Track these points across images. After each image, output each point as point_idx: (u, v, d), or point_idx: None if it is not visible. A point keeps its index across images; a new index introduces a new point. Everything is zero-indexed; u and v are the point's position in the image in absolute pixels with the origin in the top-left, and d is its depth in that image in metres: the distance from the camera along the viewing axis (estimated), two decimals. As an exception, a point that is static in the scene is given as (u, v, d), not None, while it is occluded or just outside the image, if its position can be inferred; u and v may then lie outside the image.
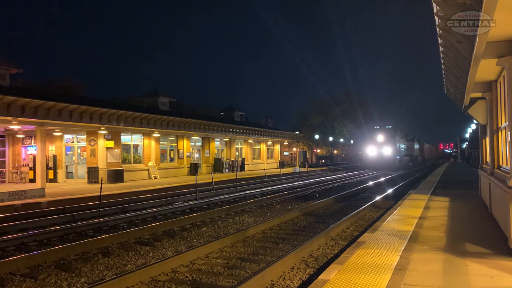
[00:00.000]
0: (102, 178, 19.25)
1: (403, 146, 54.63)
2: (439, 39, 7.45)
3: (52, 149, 25.75)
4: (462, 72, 8.78)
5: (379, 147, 46.35)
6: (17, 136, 25.64)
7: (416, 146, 70.53)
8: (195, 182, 18.87)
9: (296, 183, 25.71)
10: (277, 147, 50.22)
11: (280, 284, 6.09)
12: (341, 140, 69.64)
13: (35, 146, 23.49)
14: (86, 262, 7.54)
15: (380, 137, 46.86)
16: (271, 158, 48.38)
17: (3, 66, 21.22)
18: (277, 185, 24.11)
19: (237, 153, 40.42)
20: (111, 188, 19.71)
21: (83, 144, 25.80)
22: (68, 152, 26.78)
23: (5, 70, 21.38)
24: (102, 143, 24.62)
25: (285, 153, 62.35)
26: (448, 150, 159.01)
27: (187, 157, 32.29)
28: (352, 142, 70.82)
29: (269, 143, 47.52)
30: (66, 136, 26.34)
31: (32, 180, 23.39)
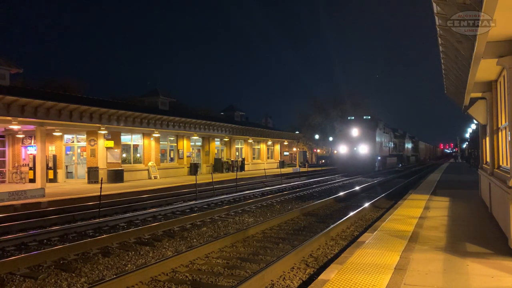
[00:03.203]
0: (102, 178, 19.26)
1: (389, 143, 44.39)
2: (439, 39, 7.45)
3: (52, 149, 25.75)
4: (462, 72, 8.78)
5: (353, 145, 35.60)
6: (17, 136, 25.64)
7: (409, 144, 60.65)
8: (195, 182, 18.88)
9: (296, 183, 25.69)
10: (277, 147, 50.22)
11: (280, 284, 6.09)
12: (341, 140, 69.53)
13: (35, 146, 23.49)
14: (86, 262, 7.54)
15: (355, 131, 35.73)
16: (271, 158, 48.38)
17: (3, 66, 21.21)
18: (277, 185, 24.09)
19: (237, 153, 40.42)
20: (111, 188, 19.71)
21: (83, 144, 25.80)
22: (68, 152, 26.79)
23: (5, 70, 21.37)
24: (102, 143, 24.62)
25: (285, 153, 62.37)
26: (448, 150, 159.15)
27: (187, 157, 32.30)
28: None
29: (269, 143, 47.51)
30: (66, 136, 26.34)
31: (32, 180, 23.40)
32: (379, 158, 37.42)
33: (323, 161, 71.47)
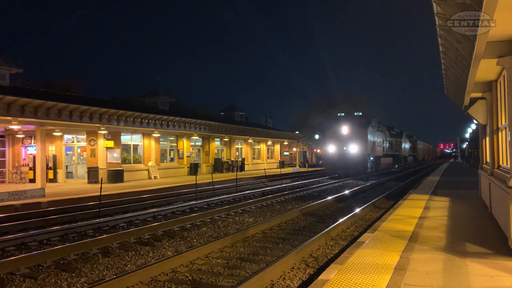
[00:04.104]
0: (102, 178, 19.28)
1: (384, 143, 41.08)
2: (439, 39, 7.46)
3: (52, 149, 25.75)
4: (462, 72, 8.78)
5: (342, 144, 32.31)
6: (17, 136, 25.64)
7: (406, 144, 57.13)
8: (195, 182, 18.89)
9: (296, 183, 25.70)
10: (277, 147, 50.23)
11: (280, 284, 6.09)
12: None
13: (35, 146, 23.50)
14: (86, 262, 7.54)
15: (344, 129, 32.41)
16: (271, 158, 48.38)
17: (3, 66, 21.21)
18: (277, 185, 24.10)
19: (237, 153, 40.42)
20: (111, 188, 19.71)
21: (83, 144, 25.80)
22: (68, 152, 26.79)
23: (5, 70, 21.37)
24: (102, 143, 24.63)
25: (285, 153, 62.37)
26: (448, 150, 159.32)
27: (187, 157, 32.30)
28: None
29: (269, 143, 47.52)
30: (66, 136, 26.34)
31: (32, 180, 23.40)
32: (371, 158, 34.12)
33: (323, 161, 71.23)
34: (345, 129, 32.49)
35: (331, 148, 33.08)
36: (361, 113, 35.41)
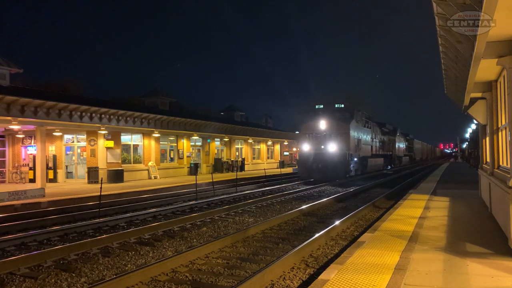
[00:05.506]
0: (102, 178, 19.28)
1: (373, 141, 35.13)
2: (439, 39, 7.46)
3: (52, 149, 25.74)
4: (462, 72, 8.78)
5: (319, 141, 26.61)
6: (17, 136, 25.64)
7: (401, 143, 51.55)
8: (195, 182, 18.89)
9: (296, 183, 25.67)
10: (277, 147, 50.22)
11: (280, 284, 6.09)
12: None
13: (35, 146, 23.49)
14: (86, 262, 7.54)
15: (322, 123, 26.52)
16: (271, 158, 48.37)
17: (3, 66, 21.20)
18: (277, 185, 24.08)
19: (237, 153, 40.42)
20: (111, 188, 19.71)
21: (83, 144, 25.80)
22: (68, 152, 26.78)
23: (5, 70, 21.35)
24: (102, 143, 24.63)
25: (285, 153, 62.30)
26: (448, 150, 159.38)
27: (187, 157, 32.30)
28: None
29: (269, 143, 47.51)
30: (66, 136, 26.33)
31: (32, 180, 23.40)
32: (355, 159, 28.61)
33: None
34: (322, 124, 26.61)
35: (305, 147, 27.24)
36: (342, 105, 29.27)
